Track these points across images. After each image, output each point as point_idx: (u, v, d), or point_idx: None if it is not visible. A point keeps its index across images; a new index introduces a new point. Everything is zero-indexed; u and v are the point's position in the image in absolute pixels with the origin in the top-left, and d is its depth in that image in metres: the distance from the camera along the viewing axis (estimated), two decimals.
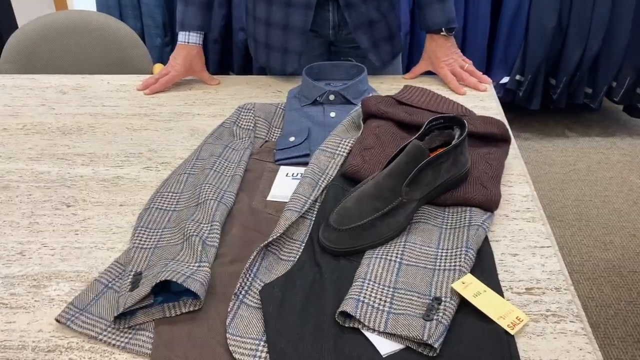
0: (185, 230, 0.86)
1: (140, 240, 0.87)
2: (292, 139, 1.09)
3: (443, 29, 1.34)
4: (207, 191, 0.94)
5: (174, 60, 1.41)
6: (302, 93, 1.22)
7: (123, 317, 0.75)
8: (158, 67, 1.84)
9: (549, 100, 2.80)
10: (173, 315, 0.75)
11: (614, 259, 2.08)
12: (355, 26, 1.35)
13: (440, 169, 0.88)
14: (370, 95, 1.15)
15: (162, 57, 2.58)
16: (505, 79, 2.70)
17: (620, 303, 1.90)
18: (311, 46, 1.44)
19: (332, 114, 1.17)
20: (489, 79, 1.38)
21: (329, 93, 1.20)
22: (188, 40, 1.39)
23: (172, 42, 2.62)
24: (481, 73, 1.39)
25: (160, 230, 0.90)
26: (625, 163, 2.64)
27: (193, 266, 0.78)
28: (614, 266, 2.05)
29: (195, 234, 0.85)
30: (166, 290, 0.78)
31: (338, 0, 1.35)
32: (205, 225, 0.87)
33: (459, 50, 1.40)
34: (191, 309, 0.76)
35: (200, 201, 0.93)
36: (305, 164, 1.06)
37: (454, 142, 0.90)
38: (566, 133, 2.90)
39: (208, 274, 0.78)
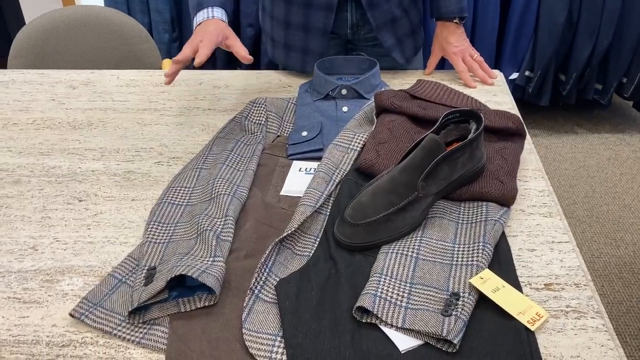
0: (199, 225, 0.86)
1: (154, 235, 0.86)
2: (304, 133, 1.08)
3: (456, 17, 1.33)
4: (220, 186, 0.93)
5: (202, 31, 1.11)
6: (314, 87, 1.21)
7: (137, 311, 0.75)
8: (167, 63, 1.84)
9: (559, 96, 2.78)
10: (188, 310, 0.75)
11: (625, 256, 2.07)
12: (379, 25, 1.32)
13: (457, 163, 0.87)
14: (383, 89, 1.14)
15: (170, 53, 2.58)
16: (514, 75, 2.69)
17: (632, 300, 1.88)
18: (328, 46, 1.41)
19: (345, 109, 1.16)
20: (494, 73, 1.38)
21: (341, 87, 1.18)
22: (212, 15, 1.15)
23: (180, 38, 2.61)
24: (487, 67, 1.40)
25: (173, 225, 0.89)
26: (635, 159, 2.62)
27: (207, 261, 0.78)
28: (625, 263, 2.04)
29: (208, 228, 0.84)
30: (181, 285, 0.78)
31: (356, 0, 1.32)
32: (219, 220, 0.86)
33: (468, 40, 1.40)
34: (206, 304, 0.75)
35: (213, 196, 0.92)
36: (318, 158, 1.05)
37: (470, 136, 0.88)
38: (576, 129, 2.88)
39: (223, 269, 0.77)
